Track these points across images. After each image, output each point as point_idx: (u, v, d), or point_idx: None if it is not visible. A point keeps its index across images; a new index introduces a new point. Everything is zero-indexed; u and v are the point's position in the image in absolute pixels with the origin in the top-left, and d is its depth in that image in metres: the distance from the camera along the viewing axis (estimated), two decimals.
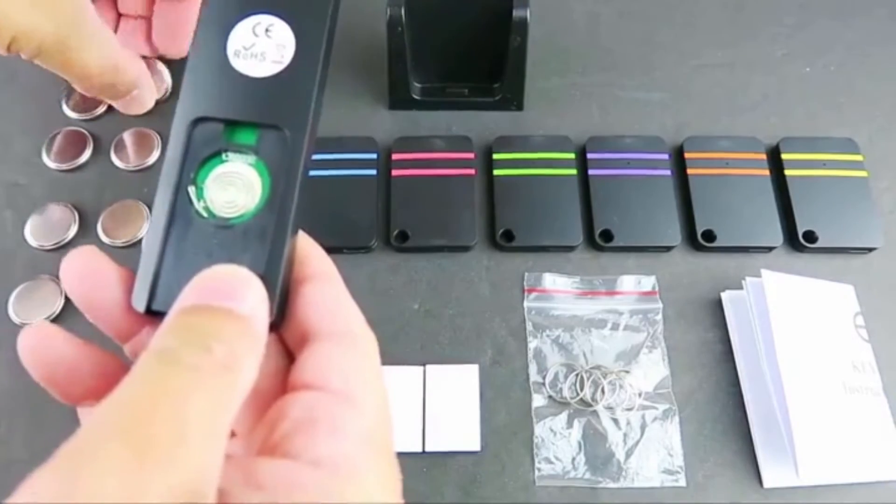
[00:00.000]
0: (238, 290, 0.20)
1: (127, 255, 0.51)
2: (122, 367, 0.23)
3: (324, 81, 0.24)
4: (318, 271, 0.23)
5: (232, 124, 0.23)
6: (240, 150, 0.23)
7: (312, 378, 0.20)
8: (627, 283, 0.52)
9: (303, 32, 0.24)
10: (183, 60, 0.38)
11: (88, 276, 0.23)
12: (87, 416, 0.22)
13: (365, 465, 0.19)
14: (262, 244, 0.22)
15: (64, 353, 0.22)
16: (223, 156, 0.24)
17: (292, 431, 0.19)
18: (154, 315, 0.23)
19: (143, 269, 0.23)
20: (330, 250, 0.25)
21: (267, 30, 0.24)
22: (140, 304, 0.23)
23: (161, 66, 0.57)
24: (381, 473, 0.20)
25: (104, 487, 0.15)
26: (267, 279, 0.21)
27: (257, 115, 0.23)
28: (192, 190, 0.23)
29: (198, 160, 0.23)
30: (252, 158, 0.23)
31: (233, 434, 0.23)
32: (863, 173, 0.55)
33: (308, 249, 0.24)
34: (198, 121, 0.23)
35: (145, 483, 0.15)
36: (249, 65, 0.24)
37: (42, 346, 0.22)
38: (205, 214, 0.23)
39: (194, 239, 0.23)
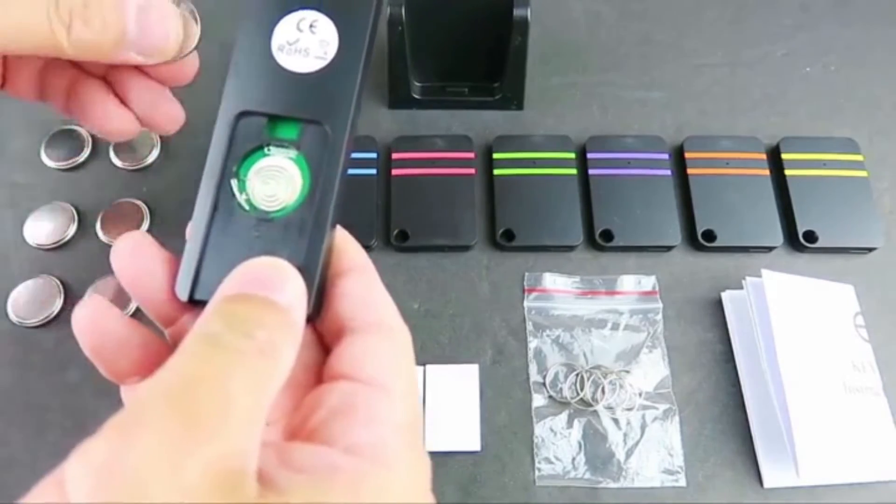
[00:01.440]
0: (278, 281, 0.21)
1: None
2: (166, 348, 0.23)
3: (365, 78, 0.25)
4: (354, 265, 0.23)
5: (275, 119, 0.24)
6: (282, 144, 0.24)
7: (349, 368, 0.21)
8: (627, 282, 0.52)
9: (346, 29, 0.24)
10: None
11: (136, 261, 0.23)
12: (131, 393, 0.23)
13: (398, 453, 0.20)
14: (302, 238, 0.23)
15: (114, 328, 0.23)
16: (265, 150, 0.24)
17: (329, 419, 0.20)
18: (196, 304, 0.23)
19: (187, 259, 0.23)
20: None
21: (311, 26, 0.24)
22: (183, 293, 0.23)
23: None
24: (412, 463, 0.20)
25: (150, 455, 0.15)
26: (305, 272, 0.22)
27: (300, 110, 0.24)
28: (234, 183, 0.24)
29: (241, 153, 0.24)
30: (293, 153, 0.24)
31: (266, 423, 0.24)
32: (863, 173, 0.55)
33: (344, 243, 0.24)
34: (241, 115, 0.24)
35: (189, 453, 0.16)
36: (293, 60, 0.24)
37: (94, 319, 0.23)
38: (246, 207, 0.23)
39: (236, 231, 0.23)
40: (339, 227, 0.24)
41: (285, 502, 0.17)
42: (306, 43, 0.24)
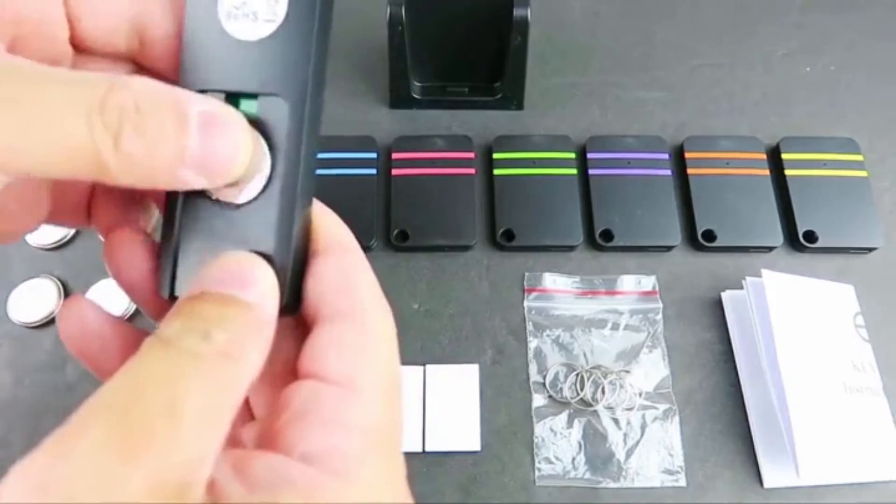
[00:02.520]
0: (245, 276, 0.19)
1: None
2: None
3: (324, 41, 0.22)
4: (330, 245, 0.21)
5: (232, 95, 0.21)
6: None
7: (314, 364, 0.19)
8: (627, 282, 0.52)
9: None
10: None
11: (126, 260, 0.22)
12: None
13: (361, 459, 0.18)
14: (269, 224, 0.21)
15: (97, 329, 0.22)
16: None
17: (289, 422, 0.18)
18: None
19: (163, 256, 0.22)
20: None
21: None
22: (164, 291, 0.22)
23: None
24: (380, 469, 0.19)
25: (86, 468, 0.15)
26: (276, 261, 0.20)
27: (255, 83, 0.21)
28: None
29: None
30: (255, 132, 0.21)
31: (252, 417, 0.23)
32: (863, 173, 0.55)
33: (320, 220, 0.22)
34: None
35: (128, 465, 0.15)
36: (242, 27, 0.21)
37: (78, 320, 0.21)
38: (212, 196, 0.22)
39: (205, 223, 0.22)
40: (319, 204, 0.22)
41: None
42: (253, 5, 0.21)
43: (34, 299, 0.50)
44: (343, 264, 0.21)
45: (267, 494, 0.17)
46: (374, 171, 0.54)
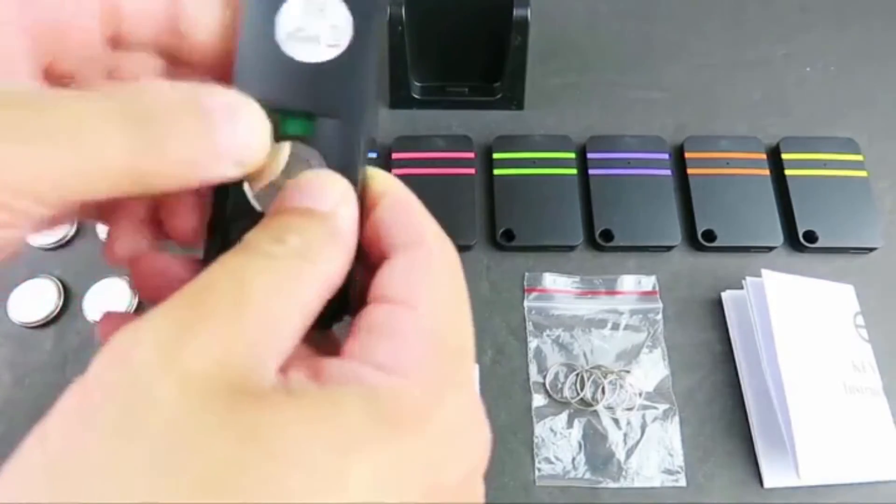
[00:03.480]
0: (319, 188, 0.20)
1: None
2: None
3: (377, 66, 0.23)
4: (384, 189, 0.22)
5: (287, 114, 0.22)
6: (295, 139, 0.22)
7: (378, 290, 0.20)
8: (627, 282, 0.52)
9: (359, 12, 0.22)
10: None
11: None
12: None
13: (421, 362, 0.19)
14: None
15: (173, 270, 0.22)
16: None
17: (354, 340, 0.19)
18: None
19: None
20: None
21: (321, 9, 0.22)
22: None
23: None
24: (443, 372, 0.19)
25: (148, 345, 0.15)
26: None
27: (313, 104, 0.22)
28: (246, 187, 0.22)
29: None
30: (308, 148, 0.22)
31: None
32: (863, 173, 0.55)
33: (374, 175, 0.23)
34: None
35: (187, 342, 0.15)
36: (303, 49, 0.22)
37: (150, 269, 0.22)
38: (256, 208, 0.22)
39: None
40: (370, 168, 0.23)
41: (294, 401, 0.16)
42: (316, 29, 0.22)
43: (34, 299, 0.50)
44: (402, 204, 0.22)
45: (336, 387, 0.17)
46: None
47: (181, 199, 0.23)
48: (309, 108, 0.22)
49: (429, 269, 0.21)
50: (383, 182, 0.22)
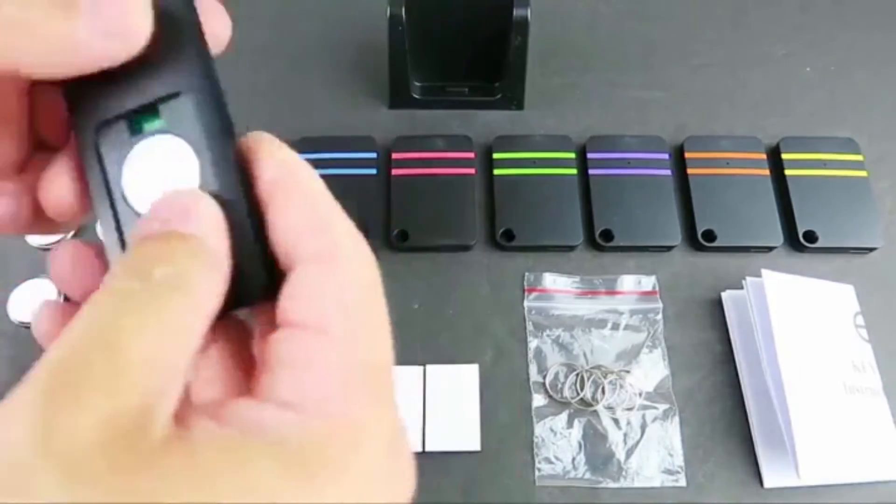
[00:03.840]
0: (179, 208, 0.18)
1: None
2: None
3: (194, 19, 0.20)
4: (276, 178, 0.19)
5: (133, 114, 0.20)
6: (152, 134, 0.20)
7: (286, 313, 0.18)
8: (627, 282, 0.52)
9: None
10: None
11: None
12: None
13: (338, 397, 0.17)
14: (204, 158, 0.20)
15: (88, 263, 0.21)
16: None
17: (261, 373, 0.18)
18: None
19: (104, 222, 0.21)
20: None
21: None
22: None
23: None
24: (362, 403, 0.17)
25: (23, 431, 0.14)
26: (220, 194, 0.19)
27: (147, 93, 0.20)
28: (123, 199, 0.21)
29: (117, 166, 0.20)
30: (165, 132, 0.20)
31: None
32: (863, 173, 0.55)
33: (259, 148, 0.20)
34: (100, 126, 0.21)
35: (70, 420, 0.14)
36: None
37: (68, 258, 0.21)
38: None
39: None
40: (256, 134, 0.21)
41: (190, 455, 0.15)
42: None
43: (34, 299, 0.50)
44: (304, 202, 0.19)
45: (239, 434, 0.16)
46: (374, 171, 0.54)
47: (55, 161, 0.21)
48: (146, 99, 0.20)
49: (341, 285, 0.18)
50: (274, 159, 0.20)
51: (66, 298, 0.23)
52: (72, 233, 0.52)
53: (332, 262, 0.18)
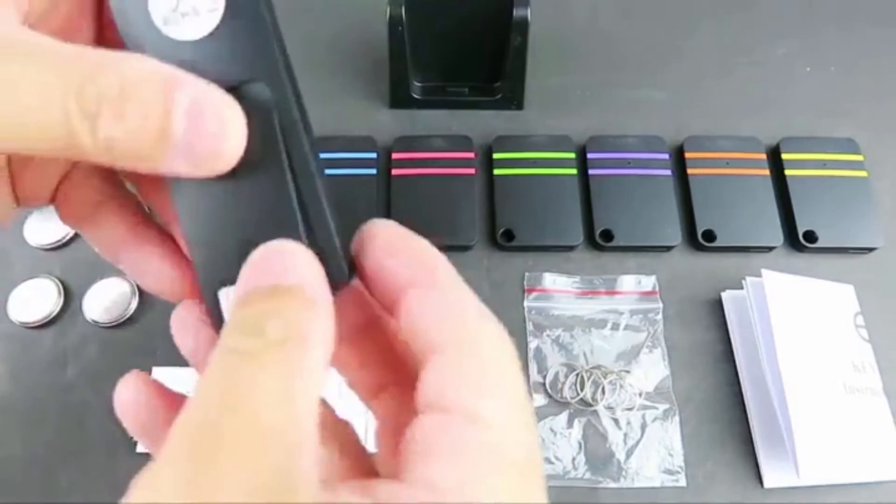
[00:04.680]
0: (279, 263, 0.19)
1: None
2: None
3: (272, 11, 0.20)
4: (416, 276, 0.21)
5: None
6: None
7: (431, 399, 0.18)
8: (627, 282, 0.52)
9: None
10: None
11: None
12: None
13: (490, 488, 0.17)
14: (291, 207, 0.20)
15: (156, 406, 0.21)
16: None
17: (412, 456, 0.18)
18: None
19: (196, 255, 0.21)
20: None
21: None
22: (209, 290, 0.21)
23: None
24: (513, 490, 0.17)
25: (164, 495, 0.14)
26: (305, 239, 0.20)
27: (226, 75, 0.19)
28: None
29: None
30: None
31: (383, 391, 0.22)
32: (863, 173, 0.55)
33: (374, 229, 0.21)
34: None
35: (216, 490, 0.14)
36: (186, 27, 0.20)
37: (134, 400, 0.21)
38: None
39: (219, 211, 0.20)
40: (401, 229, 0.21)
41: None
42: (190, 2, 0.20)
43: (34, 299, 0.50)
44: (437, 293, 0.20)
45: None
46: (373, 172, 0.54)
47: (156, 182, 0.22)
48: (229, 82, 0.19)
49: (490, 375, 0.19)
50: (406, 261, 0.21)
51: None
52: (73, 231, 0.52)
53: (476, 350, 0.19)
